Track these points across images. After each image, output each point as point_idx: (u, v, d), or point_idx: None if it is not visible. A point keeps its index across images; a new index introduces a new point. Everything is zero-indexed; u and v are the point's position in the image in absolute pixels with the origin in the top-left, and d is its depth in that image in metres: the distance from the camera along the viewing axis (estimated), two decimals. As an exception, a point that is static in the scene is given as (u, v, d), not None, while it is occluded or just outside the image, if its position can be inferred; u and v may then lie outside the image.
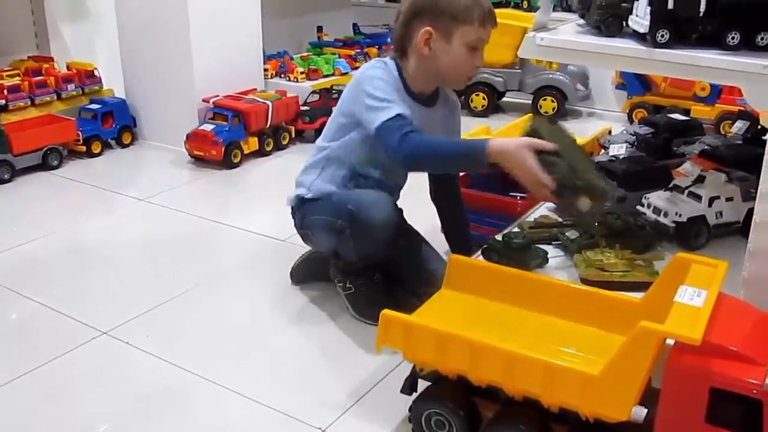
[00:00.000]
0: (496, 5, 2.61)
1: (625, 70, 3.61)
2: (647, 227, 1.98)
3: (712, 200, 1.95)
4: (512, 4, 4.50)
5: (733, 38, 1.47)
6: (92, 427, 1.68)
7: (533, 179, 1.63)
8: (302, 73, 4.04)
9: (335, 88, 3.92)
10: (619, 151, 2.33)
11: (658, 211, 1.99)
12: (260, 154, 3.53)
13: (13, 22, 3.90)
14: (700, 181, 2.01)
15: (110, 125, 3.57)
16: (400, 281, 2.12)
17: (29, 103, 3.41)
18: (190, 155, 3.42)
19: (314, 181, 2.05)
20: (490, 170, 1.72)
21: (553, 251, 1.94)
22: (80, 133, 3.42)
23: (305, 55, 4.37)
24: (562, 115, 4.14)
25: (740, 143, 2.35)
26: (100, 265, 2.46)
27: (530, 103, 4.19)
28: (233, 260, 2.50)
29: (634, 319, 1.32)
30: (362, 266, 2.04)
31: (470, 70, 1.95)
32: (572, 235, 1.94)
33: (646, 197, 2.05)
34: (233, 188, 3.24)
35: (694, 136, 2.48)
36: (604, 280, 1.74)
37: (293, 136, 3.70)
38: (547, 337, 1.56)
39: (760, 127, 2.30)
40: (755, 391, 1.15)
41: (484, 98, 4.20)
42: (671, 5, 1.48)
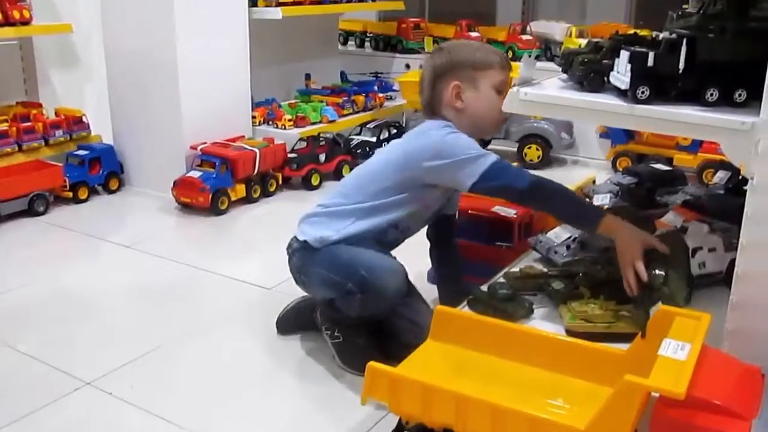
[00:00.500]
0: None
1: (607, 124, 3.67)
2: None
3: (695, 251, 1.96)
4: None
5: (711, 95, 1.50)
6: (73, 480, 1.65)
7: (628, 269, 1.73)
8: (290, 120, 4.08)
9: (322, 135, 3.96)
10: (603, 201, 2.36)
11: (641, 261, 2.00)
12: (247, 201, 3.54)
13: (2, 68, 3.93)
14: (683, 231, 2.03)
15: (97, 171, 3.58)
16: (390, 333, 2.11)
17: (17, 148, 3.43)
18: (177, 202, 3.43)
19: (348, 226, 2.04)
20: (592, 232, 1.91)
21: (538, 301, 1.94)
22: (67, 179, 3.43)
23: (293, 102, 4.42)
24: (547, 163, 4.19)
25: (722, 193, 2.38)
26: (84, 313, 2.45)
27: (515, 151, 4.24)
28: (219, 309, 2.49)
29: (619, 371, 1.32)
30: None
31: (502, 113, 2.00)
32: (557, 285, 1.94)
33: (630, 248, 2.06)
34: (220, 235, 3.24)
35: (676, 185, 2.52)
36: (588, 331, 1.74)
37: (280, 183, 3.72)
38: (533, 389, 1.55)
39: (741, 177, 2.34)
40: (740, 445, 1.16)
41: (469, 146, 4.22)
42: (651, 63, 1.51)
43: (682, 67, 1.51)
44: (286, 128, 4.04)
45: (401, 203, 2.04)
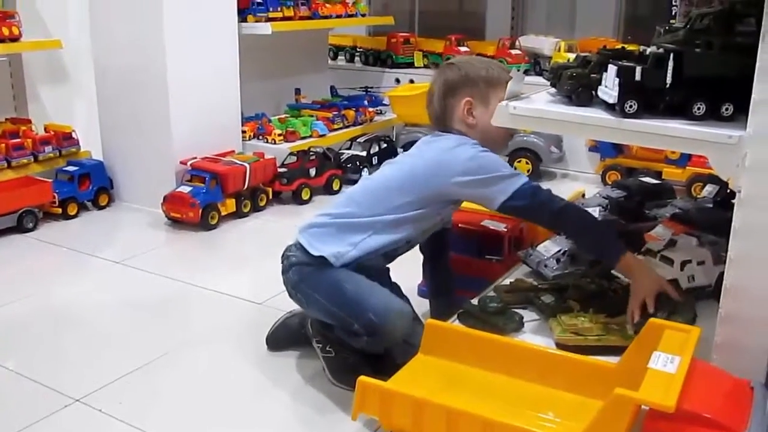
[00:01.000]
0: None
1: (595, 138, 3.69)
2: (621, 291, 1.99)
3: (684, 264, 1.97)
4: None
5: (698, 108, 1.51)
6: (62, 499, 1.64)
7: (635, 306, 1.78)
8: (280, 135, 4.08)
9: (313, 149, 3.96)
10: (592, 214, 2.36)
11: (631, 274, 2.01)
12: (237, 215, 3.54)
13: (-9, 84, 3.92)
14: (672, 244, 2.04)
15: (87, 187, 3.57)
16: (384, 351, 2.09)
17: (6, 165, 3.42)
18: (167, 217, 3.42)
19: (365, 239, 2.01)
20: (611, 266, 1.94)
21: (528, 315, 1.95)
22: (56, 195, 3.41)
23: (283, 117, 4.43)
24: (536, 177, 4.20)
25: (711, 206, 2.39)
26: (73, 329, 2.43)
27: (505, 164, 4.24)
28: (209, 324, 2.48)
29: (609, 384, 1.33)
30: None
31: (510, 130, 2.05)
32: (547, 299, 1.95)
33: (619, 261, 2.07)
34: (210, 250, 3.24)
35: (665, 199, 2.53)
36: (578, 344, 1.75)
37: (270, 197, 3.72)
38: (523, 402, 1.56)
39: (729, 190, 2.35)
40: (730, 458, 1.16)
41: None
42: (639, 77, 1.53)
43: (669, 81, 1.53)
44: (276, 143, 4.04)
45: (421, 218, 2.02)
